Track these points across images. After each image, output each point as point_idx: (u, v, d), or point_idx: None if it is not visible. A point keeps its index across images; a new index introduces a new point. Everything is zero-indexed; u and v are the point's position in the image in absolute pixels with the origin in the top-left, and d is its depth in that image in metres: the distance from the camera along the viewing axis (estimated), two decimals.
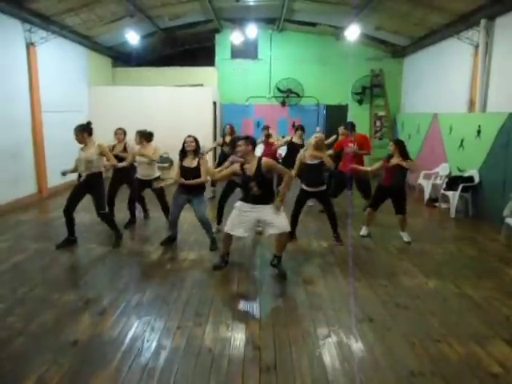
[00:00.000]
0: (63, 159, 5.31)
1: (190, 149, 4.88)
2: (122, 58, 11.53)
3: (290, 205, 5.38)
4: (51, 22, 7.61)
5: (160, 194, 5.83)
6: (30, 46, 7.42)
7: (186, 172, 4.85)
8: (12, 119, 7.07)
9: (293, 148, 7.26)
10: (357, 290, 3.97)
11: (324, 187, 5.29)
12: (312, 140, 5.23)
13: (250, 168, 4.11)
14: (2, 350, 2.88)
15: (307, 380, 2.62)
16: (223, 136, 7.57)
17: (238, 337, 3.11)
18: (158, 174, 6.02)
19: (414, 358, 2.85)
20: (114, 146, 6.16)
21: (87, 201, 5.15)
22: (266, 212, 4.14)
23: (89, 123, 5.12)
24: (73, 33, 8.47)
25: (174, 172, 5.10)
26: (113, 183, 6.11)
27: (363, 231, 5.67)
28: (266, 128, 7.35)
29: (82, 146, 5.04)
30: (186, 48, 11.99)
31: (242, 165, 4.18)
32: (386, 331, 3.21)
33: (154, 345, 2.98)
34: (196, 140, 4.95)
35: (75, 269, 4.57)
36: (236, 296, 3.82)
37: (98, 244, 5.20)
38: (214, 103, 10.60)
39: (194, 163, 4.88)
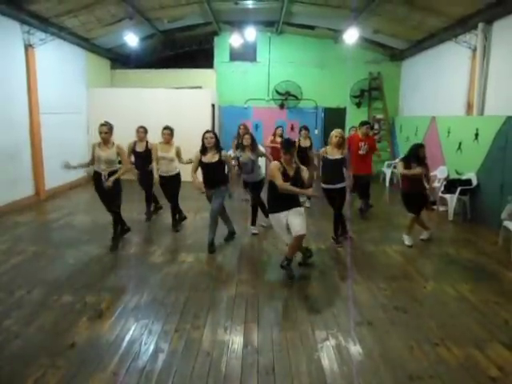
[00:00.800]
0: (61, 161, 5.29)
1: (211, 145, 4.90)
2: (120, 59, 11.52)
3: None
4: (50, 24, 7.60)
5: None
6: (28, 47, 7.41)
7: (207, 168, 4.90)
8: (10, 121, 7.05)
9: (300, 151, 7.24)
10: (355, 293, 3.96)
11: (344, 184, 5.24)
12: (333, 138, 5.21)
13: (290, 170, 4.22)
14: None
15: (305, 383, 2.61)
16: (237, 137, 7.15)
17: (236, 340, 3.10)
18: (177, 170, 5.93)
19: (413, 362, 2.85)
20: (134, 144, 6.20)
21: (87, 203, 5.13)
22: (295, 213, 4.17)
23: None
24: (71, 35, 8.47)
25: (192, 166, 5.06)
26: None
27: (408, 241, 5.48)
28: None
29: (100, 144, 4.93)
30: (185, 50, 11.99)
31: (282, 165, 4.20)
32: (384, 334, 3.20)
33: (151, 348, 2.97)
34: (216, 135, 4.98)
35: (73, 271, 4.55)
36: (234, 299, 3.81)
37: (96, 246, 5.18)
38: (213, 105, 10.59)
39: (216, 158, 4.90)
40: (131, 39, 9.08)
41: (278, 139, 7.51)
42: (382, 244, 5.46)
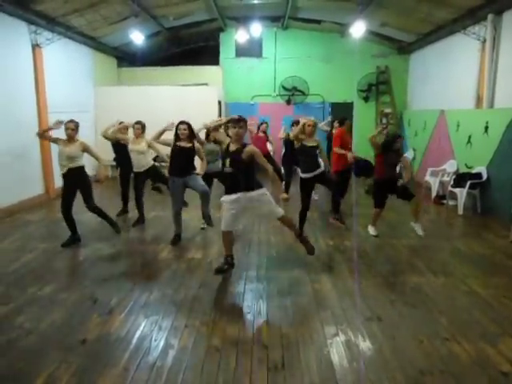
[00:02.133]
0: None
1: (184, 137, 5.04)
2: (127, 58, 11.56)
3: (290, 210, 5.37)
4: (57, 24, 7.65)
5: (157, 175, 5.96)
6: (35, 47, 7.46)
7: (180, 152, 5.01)
8: (18, 120, 7.12)
9: (292, 145, 7.31)
10: (364, 288, 3.95)
11: (322, 169, 5.27)
12: (306, 127, 5.18)
13: (234, 148, 3.98)
14: (13, 350, 2.91)
15: (315, 379, 2.61)
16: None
17: (245, 336, 3.11)
18: (151, 163, 5.94)
19: (423, 357, 2.83)
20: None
21: (95, 201, 5.17)
22: (249, 199, 3.99)
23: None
24: (78, 34, 8.51)
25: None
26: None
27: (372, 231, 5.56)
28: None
29: (65, 140, 5.06)
30: (191, 47, 11.99)
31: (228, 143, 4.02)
32: (394, 330, 3.18)
33: (161, 344, 2.99)
34: (190, 127, 5.08)
35: (83, 268, 4.60)
36: (243, 295, 3.82)
37: (105, 244, 5.23)
38: (219, 102, 10.60)
39: (189, 144, 5.07)
40: (137, 37, 9.10)
41: (261, 134, 8.15)
42: (390, 238, 5.43)
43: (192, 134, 5.12)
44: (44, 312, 3.44)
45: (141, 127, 5.84)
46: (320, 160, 5.37)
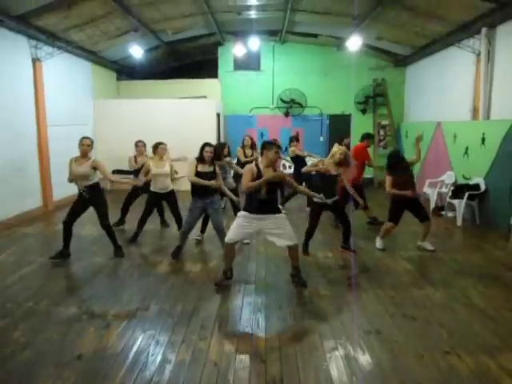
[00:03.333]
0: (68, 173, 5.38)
1: (209, 159, 4.94)
2: (126, 71, 11.68)
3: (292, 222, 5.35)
4: (57, 38, 7.74)
5: (174, 205, 5.82)
6: (36, 61, 7.54)
7: (200, 177, 4.89)
8: (18, 133, 7.15)
9: (298, 161, 7.45)
10: (363, 301, 3.93)
11: (336, 197, 5.22)
12: (336, 155, 5.16)
13: (267, 173, 4.01)
14: (7, 365, 2.87)
15: None
16: (242, 147, 7.63)
17: (243, 350, 3.08)
18: (172, 186, 5.92)
19: (423, 370, 2.80)
20: (135, 158, 6.43)
21: (93, 214, 5.15)
22: (271, 222, 4.05)
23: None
24: (78, 48, 8.61)
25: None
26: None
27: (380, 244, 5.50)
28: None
29: (77, 158, 5.03)
30: (190, 61, 12.14)
31: (257, 167, 4.03)
32: (393, 343, 3.16)
33: (158, 359, 2.95)
34: (215, 151, 5.03)
35: (80, 282, 4.57)
36: (241, 308, 3.79)
37: (103, 257, 5.20)
38: (218, 115, 10.67)
39: (210, 168, 4.96)
40: (136, 51, 9.21)
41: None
42: (390, 251, 5.41)
43: (215, 157, 5.05)
44: (40, 326, 3.41)
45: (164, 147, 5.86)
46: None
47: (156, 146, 5.84)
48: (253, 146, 7.66)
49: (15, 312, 3.67)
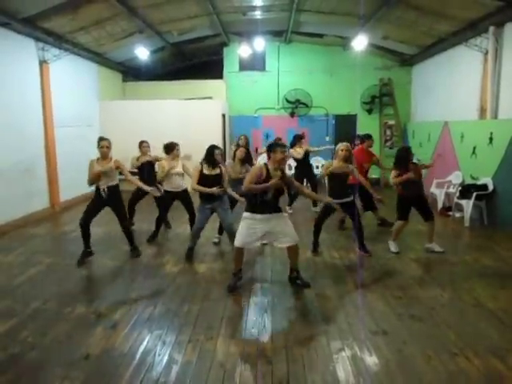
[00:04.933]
0: (75, 173, 5.40)
1: (218, 161, 4.95)
2: (132, 72, 11.73)
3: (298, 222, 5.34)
4: (64, 40, 7.80)
5: (189, 204, 5.82)
6: (43, 63, 7.60)
7: (207, 180, 4.87)
8: (25, 135, 7.22)
9: (302, 162, 7.37)
10: (370, 301, 3.90)
11: (351, 198, 5.19)
12: (339, 153, 5.11)
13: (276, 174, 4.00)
14: (16, 365, 2.89)
15: None
16: (237, 147, 7.43)
17: (249, 351, 3.07)
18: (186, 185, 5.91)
19: (431, 372, 2.77)
20: (138, 158, 6.42)
21: (100, 215, 5.18)
22: (275, 222, 4.05)
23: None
24: (84, 50, 8.66)
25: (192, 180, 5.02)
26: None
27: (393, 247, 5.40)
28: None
29: (99, 159, 5.02)
30: (195, 62, 12.16)
31: (267, 168, 4.00)
32: (401, 344, 3.13)
33: (165, 359, 2.96)
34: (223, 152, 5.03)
35: (87, 282, 4.59)
36: (247, 309, 3.79)
37: (110, 257, 5.23)
38: (223, 115, 10.68)
39: (216, 170, 4.94)
40: (142, 52, 9.25)
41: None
42: (392, 251, 5.37)
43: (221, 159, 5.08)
44: (48, 326, 3.43)
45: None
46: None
47: (169, 147, 5.80)
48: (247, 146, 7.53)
49: (23, 312, 3.70)
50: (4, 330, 3.38)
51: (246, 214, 4.09)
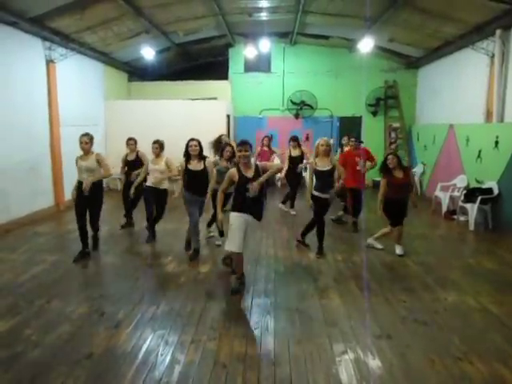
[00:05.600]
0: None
1: (195, 153, 5.01)
2: (137, 72, 11.77)
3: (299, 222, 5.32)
4: (70, 40, 7.84)
5: (163, 202, 5.85)
6: (49, 63, 7.64)
7: (193, 175, 4.98)
8: (31, 133, 7.26)
9: (291, 162, 7.41)
10: (374, 305, 3.89)
11: (329, 195, 5.24)
12: (319, 147, 5.19)
13: (249, 172, 4.03)
14: (19, 363, 2.90)
15: None
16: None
17: (252, 351, 3.07)
18: (167, 185, 5.94)
19: (435, 377, 2.76)
20: (126, 155, 6.46)
21: (104, 213, 5.20)
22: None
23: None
24: (91, 49, 8.71)
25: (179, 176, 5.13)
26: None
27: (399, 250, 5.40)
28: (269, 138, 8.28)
29: (82, 155, 5.08)
30: (200, 62, 12.20)
31: (238, 169, 4.05)
32: (404, 348, 3.12)
33: (168, 359, 2.96)
34: (200, 143, 5.08)
35: (91, 281, 4.60)
36: (250, 310, 3.78)
37: (113, 256, 5.24)
38: (228, 116, 10.69)
39: (200, 166, 5.02)
40: (148, 52, 9.28)
41: (265, 148, 8.25)
42: (400, 255, 5.35)
43: (201, 153, 5.12)
44: (51, 325, 3.44)
45: (159, 146, 5.80)
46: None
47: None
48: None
49: (27, 310, 3.71)
50: (7, 327, 3.39)
51: (233, 215, 4.04)
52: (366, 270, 4.78)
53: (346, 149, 7.63)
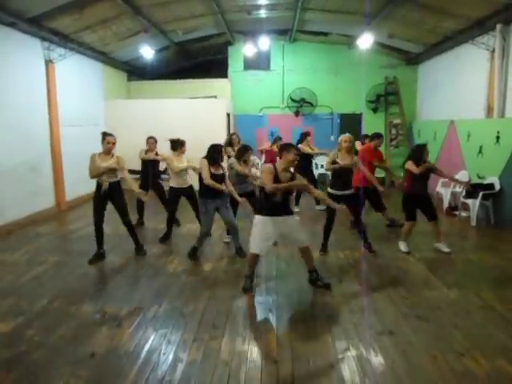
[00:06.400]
0: (81, 172, 5.43)
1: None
2: (136, 71, 11.75)
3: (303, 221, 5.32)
4: (69, 40, 7.82)
5: (195, 200, 5.72)
6: (48, 63, 7.63)
7: (215, 179, 4.92)
8: (31, 133, 7.25)
9: (304, 158, 7.36)
10: (376, 301, 3.88)
11: (352, 191, 5.19)
12: (342, 143, 5.14)
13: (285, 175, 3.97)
14: (22, 363, 2.91)
15: None
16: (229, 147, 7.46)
17: (254, 350, 3.07)
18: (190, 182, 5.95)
19: (437, 373, 2.75)
20: (146, 152, 6.49)
21: (106, 213, 5.19)
22: (286, 224, 4.01)
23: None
24: (90, 49, 8.69)
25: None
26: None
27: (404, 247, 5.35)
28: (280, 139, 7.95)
29: (101, 154, 4.98)
30: (200, 61, 12.16)
31: (275, 168, 3.94)
32: (406, 344, 3.11)
33: (170, 358, 2.96)
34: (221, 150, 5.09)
35: (93, 281, 4.61)
36: (253, 308, 3.78)
37: (115, 256, 5.24)
38: (228, 114, 10.67)
39: (220, 170, 5.00)
40: (147, 51, 9.25)
41: (275, 148, 7.76)
42: (402, 252, 5.33)
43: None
44: (53, 325, 3.44)
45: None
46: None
47: (176, 143, 5.88)
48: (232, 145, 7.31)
49: (29, 310, 3.72)
50: (10, 328, 3.40)
51: (257, 218, 4.03)
52: (368, 267, 4.77)
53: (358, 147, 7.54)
